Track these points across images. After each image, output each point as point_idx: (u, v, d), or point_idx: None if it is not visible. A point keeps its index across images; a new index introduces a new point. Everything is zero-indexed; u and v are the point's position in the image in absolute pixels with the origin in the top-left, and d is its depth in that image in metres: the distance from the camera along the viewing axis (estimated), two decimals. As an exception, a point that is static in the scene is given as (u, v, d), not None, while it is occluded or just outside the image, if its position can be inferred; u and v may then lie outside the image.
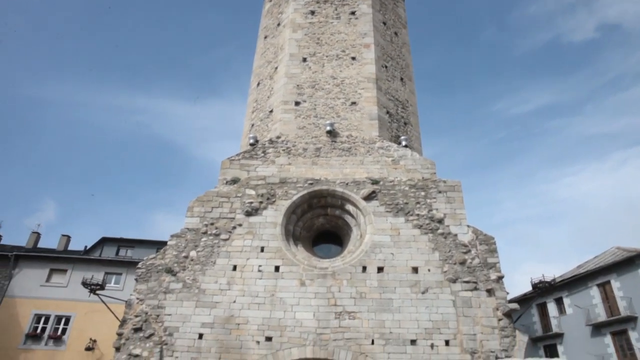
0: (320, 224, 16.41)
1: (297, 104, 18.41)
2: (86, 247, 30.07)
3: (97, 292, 17.90)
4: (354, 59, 19.64)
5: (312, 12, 21.05)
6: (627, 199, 68.09)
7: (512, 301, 14.15)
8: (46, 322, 23.37)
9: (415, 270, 14.11)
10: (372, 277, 14.00)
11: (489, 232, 14.81)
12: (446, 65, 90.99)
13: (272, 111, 18.86)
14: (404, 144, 17.41)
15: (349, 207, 15.78)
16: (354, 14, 20.96)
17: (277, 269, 14.20)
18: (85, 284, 18.01)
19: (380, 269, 14.12)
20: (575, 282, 28.43)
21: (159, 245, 26.47)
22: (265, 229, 14.95)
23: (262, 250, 14.56)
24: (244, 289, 13.89)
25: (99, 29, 76.79)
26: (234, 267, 14.27)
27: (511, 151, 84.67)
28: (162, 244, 15.94)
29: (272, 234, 14.84)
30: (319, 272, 14.14)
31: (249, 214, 15.22)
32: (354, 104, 18.37)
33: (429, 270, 14.10)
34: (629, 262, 25.43)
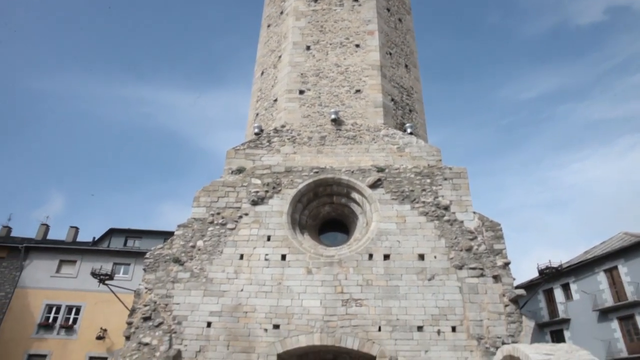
0: (326, 212, 16.46)
1: (301, 92, 18.35)
2: (94, 238, 30.37)
3: (106, 282, 18.12)
4: (358, 46, 19.49)
5: (315, 0, 20.86)
6: (634, 184, 67.64)
7: (518, 287, 14.19)
8: (57, 312, 23.75)
9: (421, 257, 14.14)
10: (379, 264, 14.05)
11: (496, 219, 14.80)
12: (451, 51, 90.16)
13: (276, 100, 18.82)
14: (409, 131, 17.34)
15: (355, 195, 15.79)
16: (357, 0, 20.75)
17: (283, 257, 14.29)
18: (94, 275, 18.23)
19: (386, 257, 14.17)
20: (582, 267, 28.40)
21: (167, 235, 26.66)
22: (271, 217, 15.01)
23: (268, 239, 14.63)
24: (251, 277, 14.01)
25: (102, 21, 76.63)
26: (241, 256, 14.37)
27: (518, 137, 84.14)
28: (170, 234, 16.07)
29: (278, 222, 14.90)
30: (325, 260, 14.21)
31: (255, 203, 15.28)
32: (358, 91, 18.27)
33: (435, 257, 14.13)
34: (636, 248, 25.34)
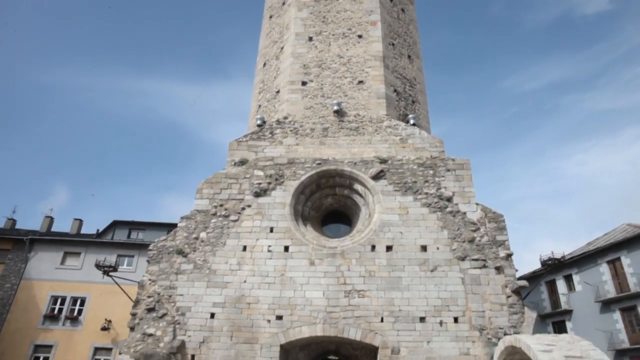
0: (328, 203, 16.47)
1: (303, 83, 18.28)
2: (98, 230, 30.50)
3: (110, 274, 18.25)
4: (360, 37, 19.37)
5: (318, -10, 20.68)
6: (638, 175, 67.31)
7: (521, 278, 14.17)
8: (62, 303, 23.94)
9: (424, 248, 14.16)
10: (381, 255, 14.09)
11: (498, 210, 14.80)
12: (454, 41, 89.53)
13: (278, 92, 18.76)
14: (412, 122, 17.28)
15: (358, 187, 15.79)
16: (360, -10, 20.55)
17: (286, 248, 14.34)
18: (98, 266, 18.35)
19: (389, 248, 14.20)
20: (584, 259, 28.38)
21: (170, 227, 26.79)
22: (274, 209, 15.04)
23: (271, 230, 14.68)
24: (254, 269, 14.07)
25: (103, 14, 76.38)
26: (244, 248, 14.43)
27: (521, 128, 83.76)
28: (173, 226, 16.15)
29: (281, 214, 14.94)
30: (328, 251, 14.25)
31: (257, 195, 15.30)
32: (361, 82, 18.19)
33: (438, 248, 14.15)
34: (639, 239, 25.28)
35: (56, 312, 23.74)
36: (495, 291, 13.51)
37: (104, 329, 23.00)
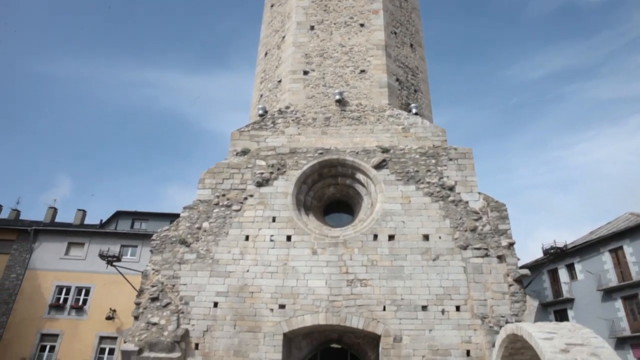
0: (331, 193, 16.49)
1: (305, 73, 18.20)
2: (101, 221, 30.66)
3: (114, 264, 18.35)
4: (362, 25, 19.22)
5: (319, -22, 20.48)
6: (642, 164, 67.01)
7: (523, 267, 14.22)
8: (67, 293, 24.18)
9: (426, 237, 14.19)
10: (383, 245, 14.12)
11: (501, 200, 14.79)
12: (457, 30, 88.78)
13: (280, 81, 18.69)
14: (414, 111, 17.21)
15: (360, 176, 15.78)
16: (361, -22, 20.34)
17: (289, 238, 14.39)
18: (102, 256, 18.45)
19: (391, 237, 14.23)
20: (587, 248, 28.41)
21: (173, 217, 26.84)
22: (276, 199, 15.06)
23: (273, 220, 14.72)
24: (256, 258, 14.14)
25: (104, 4, 75.91)
26: (247, 237, 14.49)
27: (524, 118, 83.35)
28: (176, 216, 16.19)
29: (283, 204, 14.96)
30: (330, 240, 14.30)
31: (259, 185, 15.32)
32: (363, 72, 18.10)
33: (440, 237, 14.17)
34: (642, 228, 25.25)
35: (61, 301, 24.00)
36: (497, 280, 13.55)
37: (108, 318, 23.25)
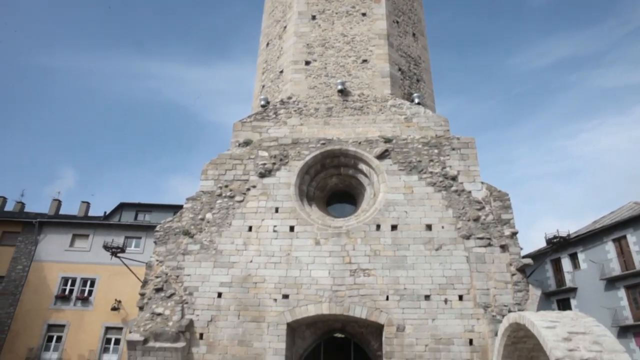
0: (333, 183, 16.49)
1: (307, 63, 18.11)
2: (105, 212, 30.76)
3: (118, 255, 18.45)
4: (364, 15, 19.08)
5: (320, -33, 20.29)
6: (646, 153, 66.60)
7: (526, 257, 14.21)
8: (73, 284, 24.37)
9: (429, 227, 14.20)
10: (386, 235, 14.15)
11: (504, 190, 14.75)
12: (459, 18, 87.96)
13: (282, 72, 18.61)
14: (416, 101, 17.13)
15: (362, 166, 15.77)
16: (363, -34, 20.14)
17: (291, 228, 14.42)
18: (106, 247, 18.55)
19: (394, 227, 14.25)
20: (590, 237, 28.38)
21: (176, 209, 26.91)
22: (279, 189, 15.08)
23: (276, 210, 14.75)
24: (259, 249, 14.20)
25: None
26: (250, 228, 14.53)
27: (527, 107, 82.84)
28: (179, 207, 16.25)
29: (286, 194, 14.98)
30: (333, 231, 14.33)
31: (262, 176, 15.34)
32: (365, 61, 18.00)
33: (443, 227, 14.18)
34: (646, 217, 25.19)
35: (67, 292, 24.20)
36: (500, 269, 13.58)
37: (114, 309, 23.43)
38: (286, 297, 13.53)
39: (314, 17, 19.14)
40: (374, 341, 13.93)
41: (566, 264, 30.21)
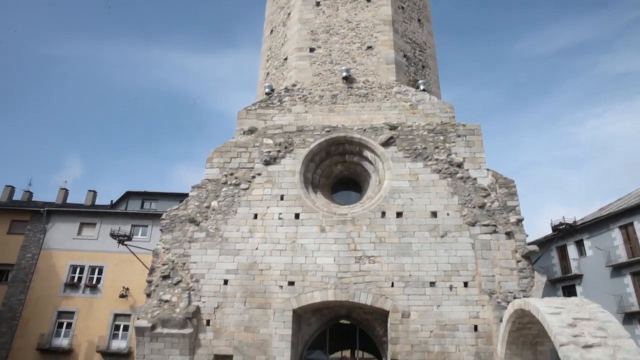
0: (338, 171, 16.49)
1: (311, 50, 17.99)
2: (112, 201, 30.97)
3: (125, 243, 18.63)
4: (369, 0, 18.85)
5: (325, -48, 20.03)
6: (655, 139, 65.87)
7: (531, 244, 14.19)
8: (81, 272, 24.68)
9: (434, 214, 14.20)
10: (391, 222, 14.17)
11: (510, 177, 14.68)
12: (465, 4, 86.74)
13: (286, 59, 18.51)
14: (422, 88, 17.00)
15: (367, 154, 15.74)
16: (368, -49, 19.86)
17: (297, 216, 14.48)
18: (113, 235, 18.73)
19: (399, 214, 14.26)
20: (596, 224, 28.23)
21: (182, 197, 26.93)
22: (284, 177, 15.11)
23: (281, 198, 14.80)
24: (265, 236, 14.27)
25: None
26: (255, 216, 14.60)
27: (534, 94, 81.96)
28: (185, 196, 16.32)
29: (291, 182, 15.01)
30: (338, 218, 14.36)
31: (267, 163, 15.36)
32: (370, 48, 17.85)
33: (448, 214, 14.18)
34: (653, 204, 25.00)
35: (76, 280, 24.52)
36: (505, 256, 13.58)
37: (122, 296, 23.73)
38: (292, 284, 13.64)
39: (318, 4, 18.96)
40: (379, 327, 14.05)
41: (572, 250, 30.12)
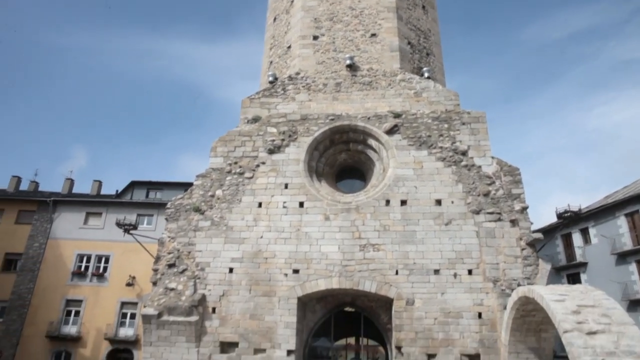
0: (342, 159, 16.46)
1: (315, 38, 17.86)
2: (117, 191, 31.14)
3: (131, 232, 18.78)
4: (373, -14, 18.62)
5: (328, -62, 19.77)
6: (662, 126, 65.22)
7: (536, 232, 14.16)
8: (88, 261, 24.95)
9: (438, 202, 14.19)
10: (396, 210, 14.17)
11: (515, 165, 14.59)
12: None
13: (290, 47, 18.39)
14: (426, 75, 16.87)
15: (371, 142, 15.69)
16: (372, -64, 19.58)
17: (301, 204, 14.51)
18: (119, 225, 18.89)
19: (403, 202, 14.26)
20: (602, 212, 28.12)
21: (187, 186, 27.04)
22: (288, 166, 15.11)
23: (286, 187, 14.82)
24: (270, 224, 14.33)
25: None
26: (260, 204, 14.64)
27: (541, 81, 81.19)
28: (190, 185, 16.39)
29: (295, 170, 15.01)
30: (342, 206, 14.38)
31: (271, 152, 15.35)
32: (373, 35, 17.69)
33: (453, 202, 14.16)
34: (660, 191, 24.85)
35: (83, 269, 24.80)
36: (509, 244, 13.58)
37: (128, 285, 23.99)
38: (296, 272, 13.72)
39: (321, -10, 18.75)
40: (383, 315, 14.13)
41: (577, 238, 30.07)
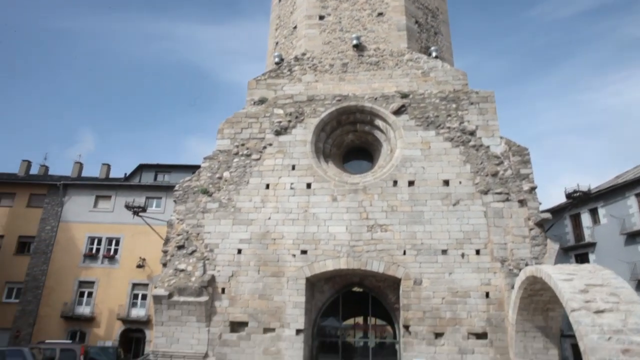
0: (349, 140, 16.41)
1: (321, 18, 17.62)
2: (126, 174, 31.35)
3: (140, 214, 18.96)
4: (380, -36, 18.26)
5: None
6: (676, 105, 63.93)
7: (545, 212, 14.09)
8: (99, 243, 25.29)
9: (446, 183, 14.15)
10: (403, 190, 14.16)
11: (524, 145, 14.44)
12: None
13: (295, 27, 18.18)
14: (434, 55, 16.63)
15: (379, 123, 15.59)
16: None
17: (308, 185, 14.54)
18: (128, 207, 19.06)
19: (411, 183, 14.24)
20: (612, 192, 27.87)
21: (195, 169, 27.08)
22: (295, 147, 15.10)
23: (293, 168, 14.83)
24: (277, 206, 14.39)
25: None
26: (267, 186, 14.70)
27: (551, 60, 79.69)
28: (198, 167, 16.44)
29: (302, 152, 15.00)
30: (350, 187, 14.39)
31: (278, 133, 15.33)
32: (380, 14, 17.42)
33: (460, 182, 14.11)
34: (671, 170, 24.53)
35: (94, 251, 25.16)
36: (517, 224, 13.55)
37: (139, 267, 24.33)
38: (304, 252, 13.82)
39: (327, -31, 18.41)
40: (391, 294, 14.25)
41: (586, 219, 29.89)
